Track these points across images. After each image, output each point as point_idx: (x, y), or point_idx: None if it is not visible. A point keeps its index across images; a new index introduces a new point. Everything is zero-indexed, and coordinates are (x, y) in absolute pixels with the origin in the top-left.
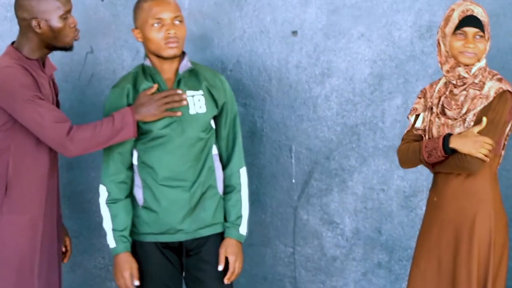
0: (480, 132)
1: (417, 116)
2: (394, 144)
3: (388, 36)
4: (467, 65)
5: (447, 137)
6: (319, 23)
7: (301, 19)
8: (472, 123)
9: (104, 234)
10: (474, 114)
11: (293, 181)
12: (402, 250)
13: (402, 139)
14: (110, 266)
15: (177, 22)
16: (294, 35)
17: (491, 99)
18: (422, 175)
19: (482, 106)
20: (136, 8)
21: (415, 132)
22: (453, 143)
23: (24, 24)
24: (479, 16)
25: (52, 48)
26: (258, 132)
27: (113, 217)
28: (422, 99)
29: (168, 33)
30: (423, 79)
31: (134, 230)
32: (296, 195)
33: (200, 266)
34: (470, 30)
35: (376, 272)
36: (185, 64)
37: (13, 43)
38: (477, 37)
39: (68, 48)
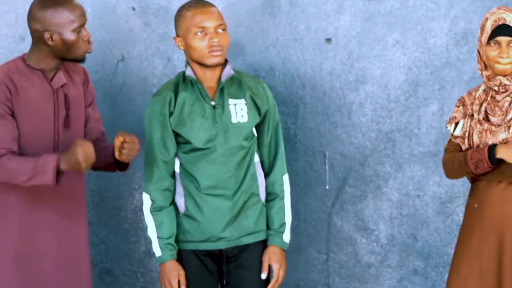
0: None
1: (456, 124)
2: (430, 151)
3: (423, 43)
4: (505, 75)
5: (492, 148)
6: (353, 30)
7: (335, 26)
8: None
9: (132, 241)
10: None
11: (327, 187)
12: (438, 256)
13: (445, 150)
14: (138, 273)
15: (220, 31)
16: (328, 42)
17: None
18: (459, 181)
19: None
20: (178, 16)
21: (453, 141)
22: (500, 154)
23: (36, 36)
24: (511, 24)
25: (63, 59)
26: (291, 138)
27: (158, 225)
28: (461, 107)
29: (212, 42)
30: (459, 86)
31: None
32: (330, 202)
33: (240, 273)
34: (503, 39)
35: (412, 279)
36: (228, 71)
37: None
38: None
39: (80, 60)
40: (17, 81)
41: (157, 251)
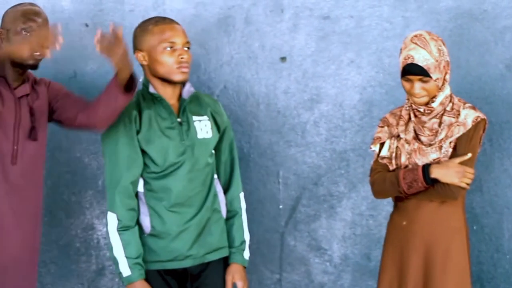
0: (461, 163)
1: (382, 144)
2: None
3: (378, 62)
4: (424, 105)
5: (426, 168)
6: (308, 49)
7: (290, 45)
8: (449, 149)
9: (83, 260)
10: (450, 142)
11: (280, 207)
12: None
13: (372, 170)
14: None
15: (186, 48)
16: (283, 61)
17: (469, 127)
18: None
19: (460, 133)
20: (143, 31)
21: (380, 161)
22: (435, 174)
23: None
24: (420, 63)
25: (16, 65)
26: (245, 157)
27: (126, 245)
28: (386, 127)
29: (181, 58)
30: None
31: None
32: (283, 221)
33: None
34: (414, 78)
35: None
36: (188, 89)
37: None
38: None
39: (28, 65)
40: None
41: (125, 271)
